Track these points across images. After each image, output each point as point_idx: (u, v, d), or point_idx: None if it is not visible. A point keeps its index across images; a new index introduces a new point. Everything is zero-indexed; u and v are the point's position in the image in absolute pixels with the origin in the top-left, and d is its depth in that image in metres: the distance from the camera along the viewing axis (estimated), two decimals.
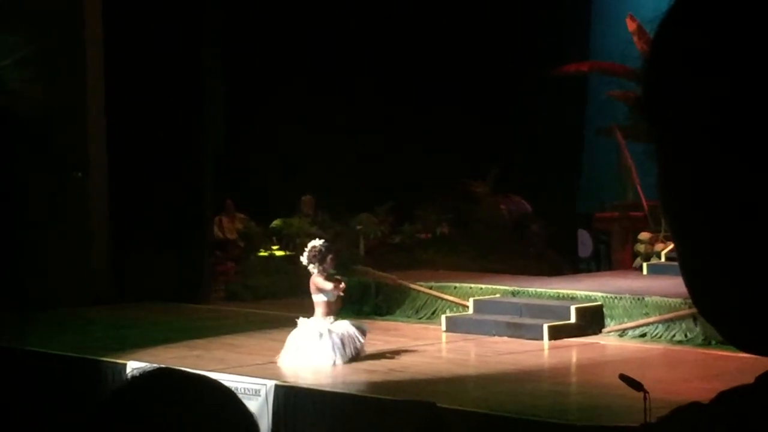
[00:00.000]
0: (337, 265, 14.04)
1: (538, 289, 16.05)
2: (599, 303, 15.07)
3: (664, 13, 1.19)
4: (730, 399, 1.19)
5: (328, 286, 13.08)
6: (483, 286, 16.43)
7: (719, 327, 1.19)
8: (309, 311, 13.32)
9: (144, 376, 1.79)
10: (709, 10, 1.15)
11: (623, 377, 9.75)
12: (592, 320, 14.91)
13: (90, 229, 19.37)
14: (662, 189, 1.21)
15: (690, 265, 1.19)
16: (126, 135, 19.22)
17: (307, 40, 21.89)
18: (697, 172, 1.15)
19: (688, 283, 1.20)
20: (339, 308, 13.48)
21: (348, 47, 21.86)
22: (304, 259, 13.36)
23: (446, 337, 15.21)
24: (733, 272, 1.14)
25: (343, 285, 13.32)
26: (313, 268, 13.23)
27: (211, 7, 19.42)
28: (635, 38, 18.91)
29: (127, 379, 1.82)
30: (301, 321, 13.17)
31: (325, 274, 13.18)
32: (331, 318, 13.12)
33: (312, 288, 13.25)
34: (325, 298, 13.12)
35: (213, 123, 20.01)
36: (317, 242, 13.53)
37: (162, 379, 1.80)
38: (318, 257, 13.18)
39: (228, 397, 1.78)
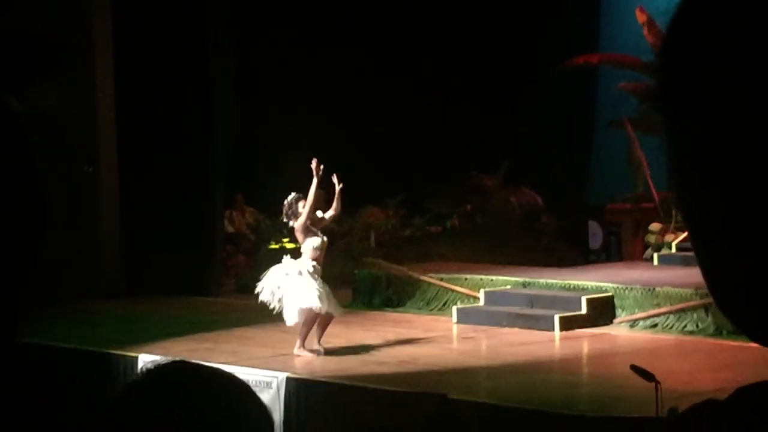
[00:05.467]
0: (348, 256, 14.08)
1: (549, 281, 16.04)
2: (610, 294, 15.06)
3: (679, 2, 1.19)
4: (747, 395, 1.18)
5: (303, 218, 13.13)
6: (494, 277, 16.43)
7: (735, 317, 1.19)
8: None
9: (158, 369, 1.79)
10: None
11: (634, 368, 9.74)
12: (602, 311, 14.90)
13: (101, 224, 19.39)
14: (676, 181, 1.21)
15: (705, 254, 1.19)
16: (136, 130, 19.23)
17: (318, 34, 21.86)
18: (711, 162, 1.15)
19: (705, 273, 1.20)
20: (323, 255, 13.42)
21: (359, 42, 21.83)
22: (285, 219, 13.54)
23: (457, 329, 15.21)
24: (748, 261, 1.14)
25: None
26: (293, 223, 13.30)
27: (218, 3, 19.41)
28: (645, 30, 18.88)
29: (140, 372, 1.81)
30: (287, 259, 13.25)
31: (304, 222, 13.22)
32: (315, 262, 13.14)
33: (298, 238, 13.31)
34: (312, 245, 13.16)
35: (223, 117, 20.01)
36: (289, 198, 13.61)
37: (176, 372, 1.80)
38: (290, 210, 13.31)
39: (243, 390, 1.78)
